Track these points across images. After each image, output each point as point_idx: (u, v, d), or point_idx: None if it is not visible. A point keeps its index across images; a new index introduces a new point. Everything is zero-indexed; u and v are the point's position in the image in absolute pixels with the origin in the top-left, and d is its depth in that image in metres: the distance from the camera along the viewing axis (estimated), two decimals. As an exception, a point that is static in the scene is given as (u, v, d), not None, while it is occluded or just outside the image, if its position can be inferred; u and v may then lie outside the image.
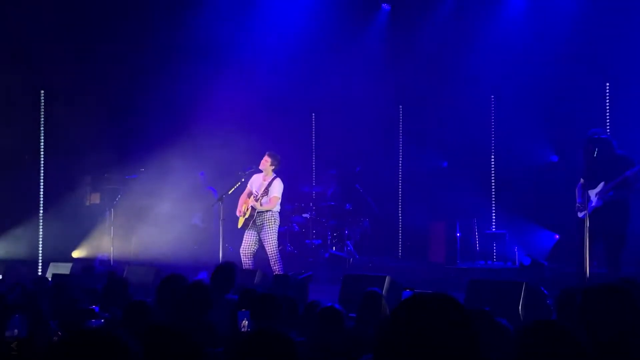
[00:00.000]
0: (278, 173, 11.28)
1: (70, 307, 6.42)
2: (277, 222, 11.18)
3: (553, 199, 11.96)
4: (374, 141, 15.36)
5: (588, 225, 9.04)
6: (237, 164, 12.66)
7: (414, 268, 13.06)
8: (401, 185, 15.63)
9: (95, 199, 15.28)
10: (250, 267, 10.91)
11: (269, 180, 11.14)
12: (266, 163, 11.20)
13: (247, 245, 11.15)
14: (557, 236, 13.19)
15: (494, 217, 14.30)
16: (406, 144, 15.58)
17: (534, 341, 3.06)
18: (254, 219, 11.06)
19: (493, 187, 14.44)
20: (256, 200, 11.01)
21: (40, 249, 14.26)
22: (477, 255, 13.63)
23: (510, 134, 13.68)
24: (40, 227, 14.37)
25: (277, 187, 11.09)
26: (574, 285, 6.31)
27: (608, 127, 12.40)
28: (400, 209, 15.58)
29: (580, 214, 9.50)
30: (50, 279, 9.75)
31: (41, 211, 14.47)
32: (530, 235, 13.20)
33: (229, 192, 11.53)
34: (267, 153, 11.29)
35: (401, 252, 15.32)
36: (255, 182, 11.30)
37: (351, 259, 13.89)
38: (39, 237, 14.31)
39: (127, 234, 14.16)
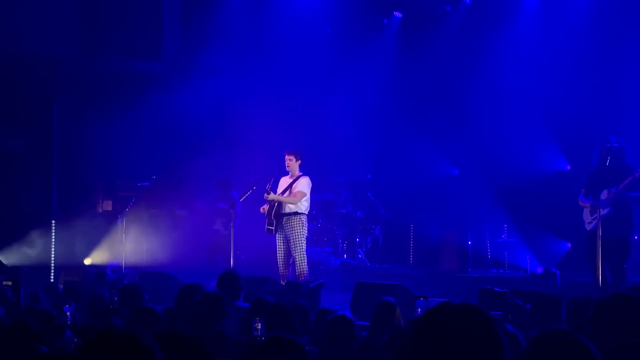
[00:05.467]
0: (305, 171, 10.95)
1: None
2: (306, 226, 10.71)
3: (565, 207, 11.90)
4: (385, 148, 15.35)
5: (599, 232, 9.05)
6: (249, 171, 12.70)
7: (425, 276, 13.02)
8: (412, 193, 15.57)
9: (107, 206, 15.34)
10: (287, 277, 10.48)
11: (295, 178, 10.76)
12: (290, 162, 10.79)
13: (281, 253, 10.69)
14: (569, 244, 13.14)
15: (505, 225, 14.24)
16: (417, 152, 15.54)
17: (546, 350, 3.05)
18: (282, 222, 10.63)
19: (505, 195, 14.37)
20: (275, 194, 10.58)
21: (53, 255, 14.31)
22: (488, 264, 13.59)
23: (522, 142, 13.64)
24: (53, 233, 14.42)
25: (304, 182, 10.68)
26: (584, 294, 6.29)
27: (620, 137, 12.35)
28: (411, 216, 15.54)
29: (588, 226, 9.50)
30: (61, 286, 9.80)
31: (53, 218, 14.52)
32: (542, 243, 13.15)
33: (241, 199, 11.53)
34: (285, 152, 10.89)
35: (412, 260, 15.27)
36: (281, 183, 10.93)
37: (362, 267, 13.88)
38: (51, 244, 14.35)
39: (139, 241, 14.19)
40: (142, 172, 14.84)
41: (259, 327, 4.92)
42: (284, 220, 10.66)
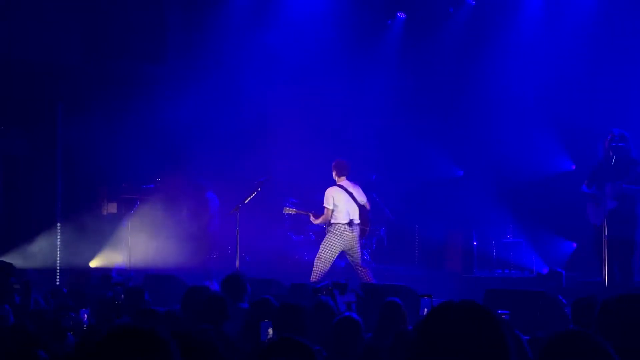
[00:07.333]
0: (351, 179, 10.95)
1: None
2: (337, 236, 10.45)
3: (570, 207, 11.89)
4: (389, 149, 15.33)
5: (605, 231, 9.05)
6: (254, 174, 12.69)
7: (430, 277, 12.98)
8: (417, 194, 15.55)
9: (112, 208, 15.34)
10: (321, 279, 10.34)
11: None
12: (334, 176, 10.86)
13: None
14: (575, 244, 13.10)
15: (510, 226, 14.21)
16: (422, 152, 15.52)
17: (562, 351, 3.02)
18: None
19: (510, 195, 14.34)
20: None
21: (58, 258, 14.31)
22: (494, 264, 13.57)
23: (527, 142, 13.62)
24: (58, 237, 14.42)
25: (325, 197, 10.62)
26: (589, 294, 6.28)
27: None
28: (416, 217, 15.51)
29: (594, 220, 9.49)
30: (66, 289, 9.80)
31: (58, 221, 14.53)
32: (547, 243, 13.12)
33: (245, 202, 11.51)
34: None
35: (417, 261, 15.25)
36: None
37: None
38: (57, 247, 14.36)
39: (144, 243, 14.18)
40: (147, 175, 14.84)
41: (269, 329, 4.89)
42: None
